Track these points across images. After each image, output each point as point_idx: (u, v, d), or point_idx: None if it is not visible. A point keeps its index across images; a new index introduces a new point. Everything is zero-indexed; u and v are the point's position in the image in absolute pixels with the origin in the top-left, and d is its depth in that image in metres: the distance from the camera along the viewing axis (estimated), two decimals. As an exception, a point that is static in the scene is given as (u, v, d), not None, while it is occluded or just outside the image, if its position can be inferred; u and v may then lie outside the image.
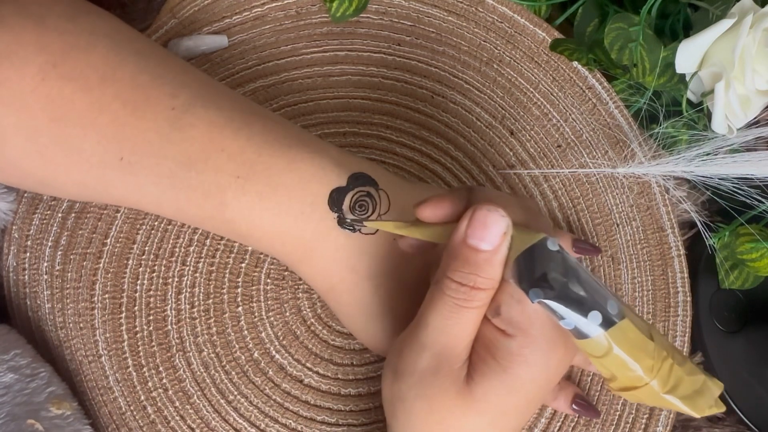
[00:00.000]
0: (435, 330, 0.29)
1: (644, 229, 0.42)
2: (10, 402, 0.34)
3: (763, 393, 0.43)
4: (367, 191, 0.34)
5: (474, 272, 0.28)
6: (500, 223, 0.28)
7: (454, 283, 0.28)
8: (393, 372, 0.30)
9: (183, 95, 0.33)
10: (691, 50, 0.40)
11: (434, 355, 0.29)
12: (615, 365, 0.27)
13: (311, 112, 0.42)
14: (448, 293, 0.29)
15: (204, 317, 0.39)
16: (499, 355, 0.29)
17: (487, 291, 0.29)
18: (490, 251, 0.28)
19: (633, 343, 0.27)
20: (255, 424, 0.38)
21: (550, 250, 0.27)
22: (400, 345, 0.30)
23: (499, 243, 0.28)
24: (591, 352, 0.27)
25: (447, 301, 0.29)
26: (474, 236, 0.28)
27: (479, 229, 0.28)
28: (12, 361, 0.35)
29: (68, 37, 0.32)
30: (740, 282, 0.43)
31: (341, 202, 0.33)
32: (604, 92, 0.43)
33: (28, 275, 0.39)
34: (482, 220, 0.28)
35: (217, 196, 0.32)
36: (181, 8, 0.42)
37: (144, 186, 0.33)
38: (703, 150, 0.40)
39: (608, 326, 0.27)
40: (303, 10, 0.43)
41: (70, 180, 0.33)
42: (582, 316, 0.26)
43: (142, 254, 0.39)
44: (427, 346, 0.29)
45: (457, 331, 0.29)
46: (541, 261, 0.27)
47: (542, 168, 0.42)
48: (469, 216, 0.28)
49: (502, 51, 0.44)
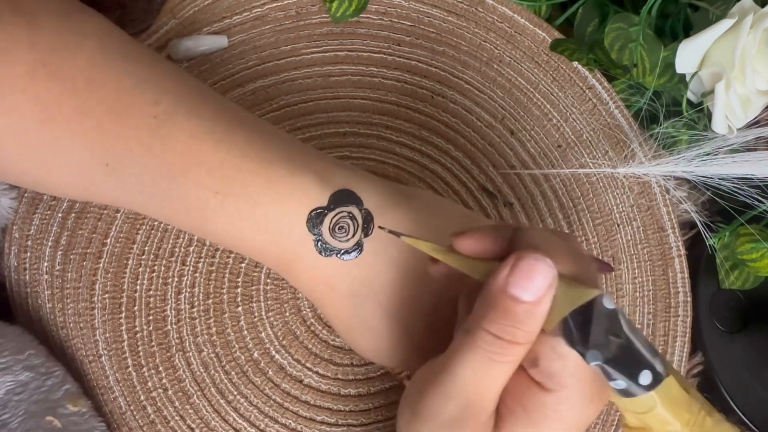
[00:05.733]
0: (464, 381, 0.27)
1: (645, 229, 0.42)
2: (28, 399, 0.34)
3: (763, 393, 0.43)
4: (349, 212, 0.32)
5: (513, 325, 0.26)
6: (547, 274, 0.26)
7: (490, 336, 0.26)
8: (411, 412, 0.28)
9: (165, 102, 0.32)
10: (691, 50, 0.40)
11: (460, 407, 0.27)
12: (654, 420, 0.27)
13: (311, 112, 0.42)
14: (483, 345, 0.26)
15: (204, 317, 0.39)
16: (531, 409, 0.27)
17: (525, 345, 0.26)
18: (532, 303, 0.26)
19: (674, 400, 0.26)
20: (255, 424, 0.38)
21: (607, 309, 0.25)
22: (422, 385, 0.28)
23: (543, 294, 0.26)
24: (633, 408, 0.27)
25: (480, 353, 0.26)
26: (517, 285, 0.26)
27: (524, 280, 0.26)
28: (27, 360, 0.35)
29: (58, 35, 0.32)
30: (740, 282, 0.43)
31: (320, 223, 0.32)
32: (604, 92, 0.43)
33: (29, 275, 0.39)
34: (527, 270, 0.26)
35: (198, 210, 0.32)
36: (181, 8, 0.42)
37: (130, 192, 0.32)
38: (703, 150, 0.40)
39: (657, 385, 0.26)
40: (303, 10, 0.43)
41: (63, 181, 0.33)
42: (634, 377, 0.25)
43: (142, 254, 0.39)
44: (453, 396, 0.27)
45: (487, 385, 0.27)
46: (598, 321, 0.25)
47: (542, 168, 0.42)
48: (511, 263, 0.26)
49: (502, 51, 0.44)
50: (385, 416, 0.39)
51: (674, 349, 0.41)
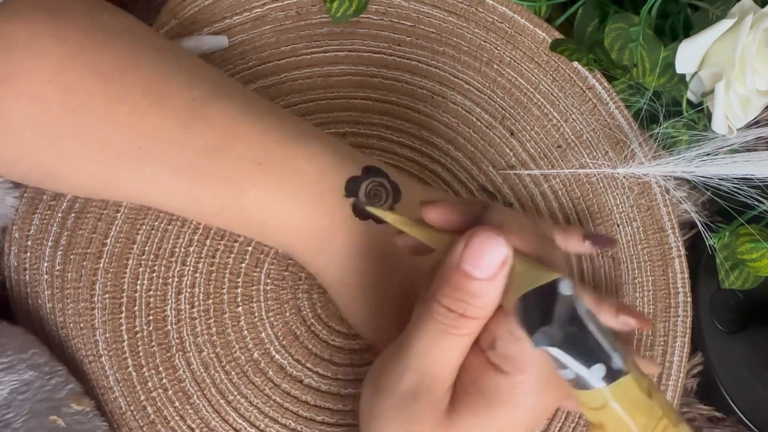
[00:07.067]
0: (418, 353, 0.27)
1: (645, 229, 0.42)
2: (32, 399, 0.34)
3: (763, 393, 0.43)
4: (381, 182, 0.34)
5: (464, 300, 0.26)
6: (498, 252, 0.26)
7: (443, 308, 0.26)
8: (373, 387, 0.29)
9: (201, 87, 0.33)
10: (691, 50, 0.40)
11: (416, 379, 0.27)
12: (608, 418, 0.26)
13: (311, 112, 0.42)
14: (436, 317, 0.27)
15: (204, 317, 0.39)
16: (486, 391, 0.27)
17: (478, 320, 0.27)
18: (484, 280, 0.26)
19: (632, 401, 0.25)
20: (255, 424, 0.38)
21: (562, 294, 0.25)
22: (383, 360, 0.29)
23: (495, 273, 0.26)
24: (586, 402, 0.26)
25: (433, 325, 0.27)
26: (468, 262, 0.26)
27: (475, 256, 0.26)
28: (31, 359, 0.36)
29: (86, 31, 0.32)
30: (740, 282, 0.43)
31: (357, 190, 0.34)
32: (604, 92, 0.43)
33: (29, 275, 0.39)
34: (479, 246, 0.26)
35: (236, 183, 0.33)
36: (181, 9, 0.42)
37: (159, 175, 0.33)
38: (703, 150, 0.40)
39: (611, 380, 0.25)
40: (303, 10, 0.43)
41: (80, 170, 0.33)
42: (585, 368, 0.25)
43: (142, 254, 0.39)
44: (410, 368, 0.27)
45: (441, 358, 0.27)
46: (550, 304, 0.25)
47: (542, 168, 0.42)
48: (467, 238, 0.26)
49: (502, 51, 0.44)
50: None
51: (674, 349, 0.41)
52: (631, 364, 0.26)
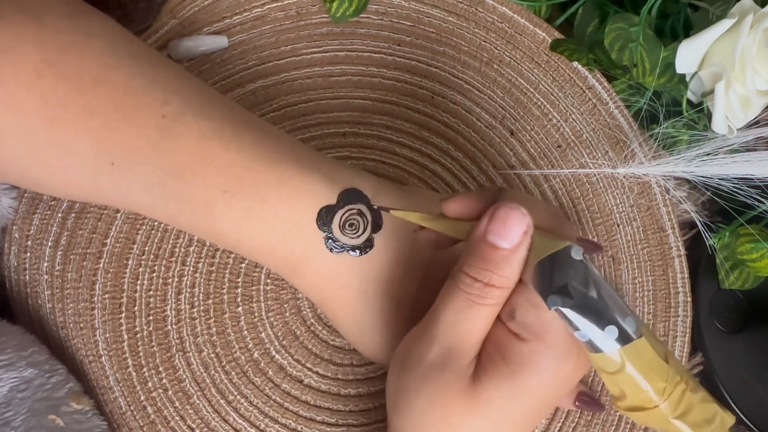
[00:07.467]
0: (446, 324, 0.29)
1: (645, 229, 0.42)
2: (31, 397, 0.34)
3: (763, 393, 0.43)
4: (358, 209, 0.33)
5: (490, 269, 0.28)
6: (521, 222, 0.28)
7: (469, 278, 0.28)
8: (401, 363, 0.30)
9: (174, 102, 0.32)
10: (691, 50, 0.40)
11: (442, 350, 0.29)
12: (626, 383, 0.27)
13: (311, 112, 0.42)
14: (462, 287, 0.28)
15: (204, 317, 0.39)
16: (509, 358, 0.28)
17: (502, 289, 0.28)
18: (508, 249, 0.28)
19: (647, 363, 0.26)
20: (255, 424, 0.38)
21: (574, 259, 0.27)
22: (411, 338, 0.30)
23: (518, 242, 0.28)
24: (603, 367, 0.27)
25: (460, 295, 0.28)
26: (494, 233, 0.28)
27: (499, 226, 0.28)
28: (30, 357, 0.36)
29: (65, 36, 0.32)
30: (740, 282, 0.43)
31: (330, 221, 0.32)
32: (604, 92, 0.43)
33: (29, 275, 0.39)
34: (503, 218, 0.28)
35: (206, 208, 0.32)
36: (181, 9, 0.42)
37: (134, 192, 0.32)
38: (703, 150, 0.40)
39: (624, 342, 0.26)
40: (303, 10, 0.43)
41: (66, 181, 0.33)
42: (598, 330, 0.26)
43: (142, 254, 0.39)
44: (437, 340, 0.29)
45: (467, 327, 0.29)
46: (562, 268, 0.27)
47: (542, 168, 0.42)
48: (491, 213, 0.28)
49: (502, 51, 0.44)
50: (385, 416, 0.39)
51: (674, 349, 0.41)
52: (645, 330, 0.27)
